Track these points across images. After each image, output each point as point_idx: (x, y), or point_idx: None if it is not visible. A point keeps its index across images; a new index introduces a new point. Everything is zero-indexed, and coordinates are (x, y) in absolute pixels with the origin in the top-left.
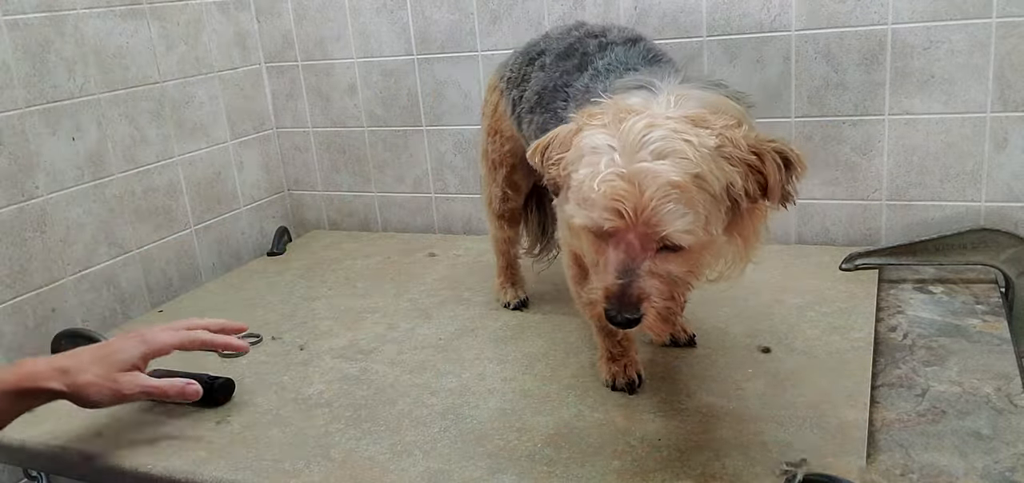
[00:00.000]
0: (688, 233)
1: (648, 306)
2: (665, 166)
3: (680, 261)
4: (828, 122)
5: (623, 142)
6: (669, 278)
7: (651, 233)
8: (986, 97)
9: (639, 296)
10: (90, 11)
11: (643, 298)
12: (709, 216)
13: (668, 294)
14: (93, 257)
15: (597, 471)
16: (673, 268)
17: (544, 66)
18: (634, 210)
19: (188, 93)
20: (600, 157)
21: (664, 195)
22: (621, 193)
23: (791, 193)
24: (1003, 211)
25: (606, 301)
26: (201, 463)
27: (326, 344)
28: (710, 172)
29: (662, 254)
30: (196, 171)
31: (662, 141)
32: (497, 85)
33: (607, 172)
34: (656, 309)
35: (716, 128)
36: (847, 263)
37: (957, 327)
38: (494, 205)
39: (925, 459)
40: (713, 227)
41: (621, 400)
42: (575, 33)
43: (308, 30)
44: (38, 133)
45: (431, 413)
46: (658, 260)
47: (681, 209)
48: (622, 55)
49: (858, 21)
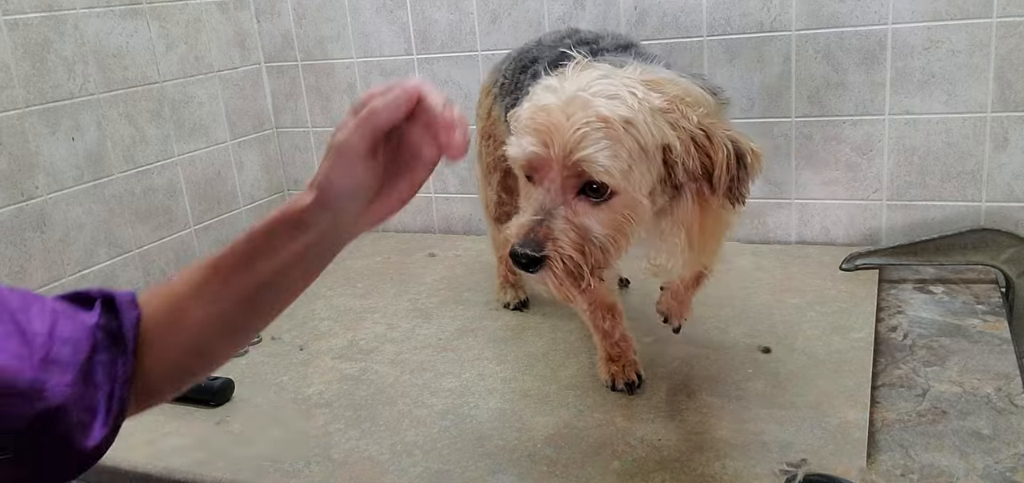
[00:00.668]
0: (604, 168)
1: (553, 249)
2: (599, 102)
3: (599, 214)
4: (828, 122)
5: (571, 84)
6: (583, 230)
7: (571, 164)
8: (986, 97)
9: (545, 235)
10: (90, 11)
11: (549, 238)
12: (633, 166)
13: (578, 245)
14: (93, 257)
15: (597, 471)
16: (590, 221)
17: (536, 75)
18: (559, 138)
19: (188, 93)
20: (544, 93)
21: (588, 123)
22: (550, 120)
23: (740, 192)
24: (1003, 211)
25: (516, 237)
26: (201, 463)
27: (326, 344)
28: (644, 124)
29: (582, 201)
30: (196, 171)
31: (605, 85)
32: (491, 89)
33: (541, 100)
34: (561, 254)
35: (668, 94)
36: (847, 263)
37: (957, 327)
38: (491, 209)
39: (925, 459)
40: (636, 181)
41: (621, 400)
42: (568, 41)
43: (308, 30)
44: (38, 133)
45: (431, 413)
46: (577, 206)
47: (604, 143)
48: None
49: (858, 21)
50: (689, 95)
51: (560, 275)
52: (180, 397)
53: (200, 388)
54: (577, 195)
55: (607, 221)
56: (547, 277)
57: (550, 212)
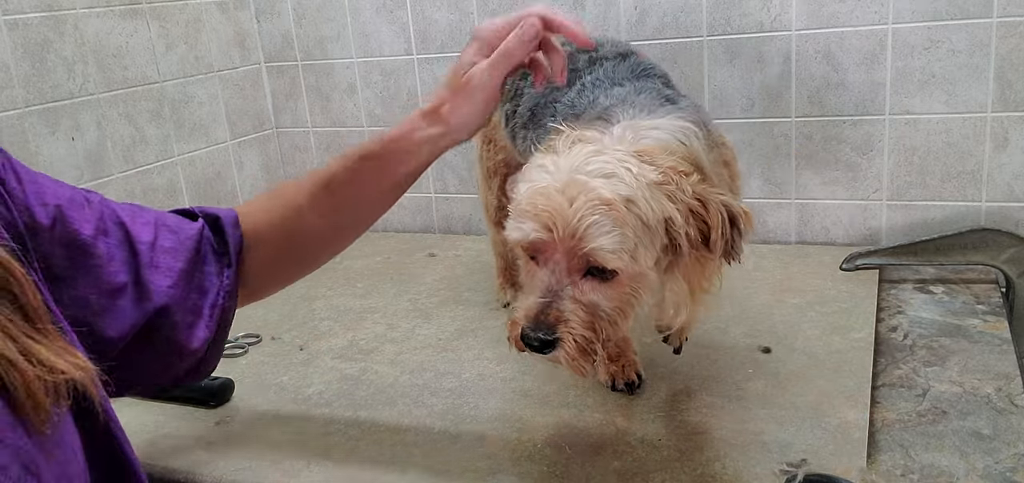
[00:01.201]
0: (613, 253)
1: (565, 331)
2: (598, 183)
3: (606, 291)
4: (828, 122)
5: (566, 163)
6: (592, 307)
7: (577, 249)
8: (987, 97)
9: (556, 319)
10: (89, 11)
11: (560, 321)
12: (639, 244)
13: (589, 324)
14: None
15: (597, 471)
16: (598, 297)
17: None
18: (562, 222)
19: (188, 93)
20: (539, 174)
21: (592, 209)
22: (551, 204)
23: (736, 250)
24: (1004, 211)
25: (525, 320)
26: (201, 463)
27: (326, 344)
28: (644, 200)
29: (589, 281)
30: (196, 171)
31: (601, 164)
32: None
33: (541, 184)
34: (573, 335)
35: (661, 166)
36: (847, 263)
37: (958, 327)
38: (491, 213)
39: (926, 459)
40: (642, 258)
41: (621, 400)
42: (567, 48)
43: (308, 30)
44: (38, 133)
45: (431, 413)
46: (584, 286)
47: (608, 226)
48: (610, 70)
49: (858, 21)
50: (682, 162)
51: (573, 354)
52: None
53: (200, 388)
54: (583, 275)
55: (615, 296)
56: (561, 357)
57: (557, 293)
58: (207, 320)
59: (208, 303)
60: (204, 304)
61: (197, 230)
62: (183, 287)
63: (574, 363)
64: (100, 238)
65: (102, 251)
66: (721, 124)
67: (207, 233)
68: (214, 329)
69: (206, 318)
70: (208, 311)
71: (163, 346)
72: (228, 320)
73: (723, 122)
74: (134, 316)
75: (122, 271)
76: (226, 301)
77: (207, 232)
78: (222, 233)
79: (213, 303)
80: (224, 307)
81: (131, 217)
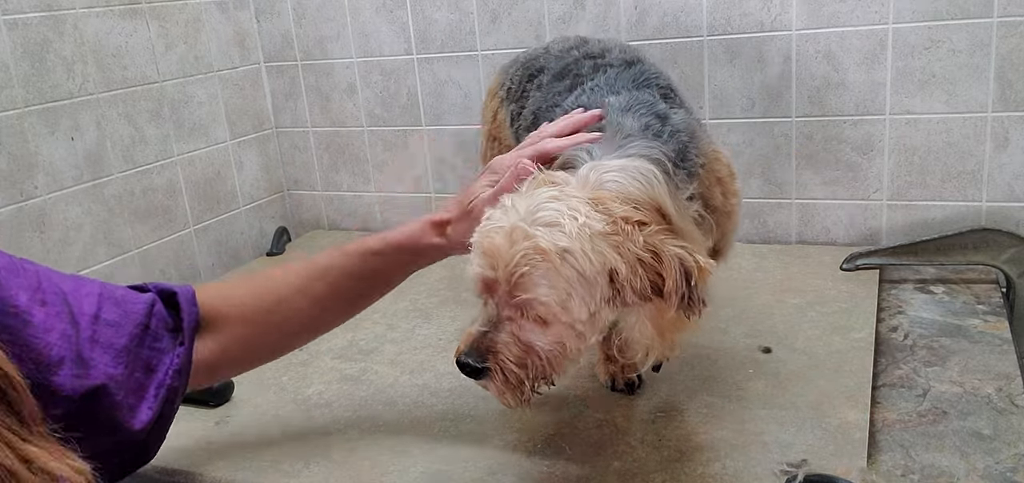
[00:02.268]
0: (543, 304)
1: (494, 362)
2: (539, 232)
3: (543, 333)
4: (829, 122)
5: (522, 206)
6: (527, 346)
7: (513, 297)
8: (987, 97)
9: (488, 348)
10: (89, 11)
11: (491, 351)
12: (572, 295)
13: (520, 361)
14: (92, 257)
15: (597, 471)
16: (534, 338)
17: (541, 86)
18: (502, 264)
19: (187, 93)
20: (498, 213)
21: (527, 259)
22: (495, 246)
23: (692, 304)
24: (1004, 211)
25: (463, 344)
26: (201, 463)
27: (325, 344)
28: (583, 252)
29: (527, 320)
30: (195, 171)
31: (550, 211)
32: (497, 92)
33: (490, 226)
34: (502, 368)
35: (613, 215)
36: (848, 263)
37: (958, 327)
38: None
39: (926, 460)
40: (575, 309)
41: (621, 400)
42: (574, 53)
43: (307, 30)
44: (37, 133)
45: (431, 413)
46: (524, 324)
47: (540, 274)
48: (612, 78)
49: (859, 20)
50: (637, 211)
51: (501, 386)
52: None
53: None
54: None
55: (553, 339)
56: (490, 386)
57: (496, 326)
58: (151, 400)
59: (155, 382)
60: (150, 383)
61: (146, 303)
62: (126, 364)
63: (502, 396)
64: (36, 307)
65: (38, 321)
66: (721, 124)
67: (159, 308)
68: (157, 410)
69: (150, 398)
70: (153, 391)
71: (104, 429)
72: (174, 401)
73: (723, 122)
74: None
75: (60, 344)
76: (174, 380)
77: (159, 306)
78: (176, 308)
79: (160, 382)
80: (171, 387)
81: (73, 288)
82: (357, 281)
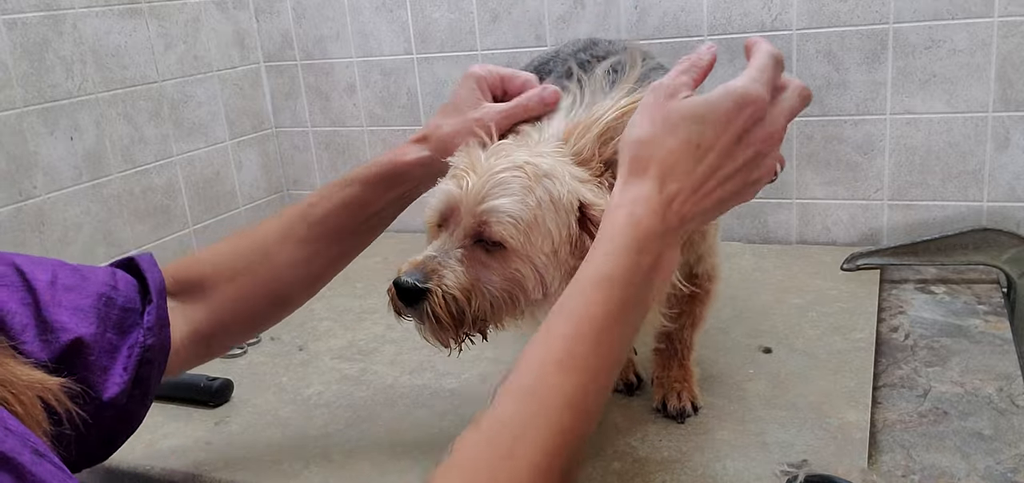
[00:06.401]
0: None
1: (436, 284)
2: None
3: (494, 266)
4: (829, 121)
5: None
6: (474, 277)
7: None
8: (988, 96)
9: (433, 269)
10: (88, 10)
11: (436, 272)
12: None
13: (465, 289)
14: (91, 257)
15: (597, 471)
16: (484, 270)
17: None
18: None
19: (187, 92)
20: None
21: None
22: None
23: None
24: (1005, 211)
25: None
26: (200, 463)
27: (325, 345)
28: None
29: (480, 250)
30: (195, 171)
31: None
32: None
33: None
34: (443, 290)
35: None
36: (848, 263)
37: (959, 327)
38: None
39: (927, 460)
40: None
41: (621, 401)
42: (582, 55)
43: (307, 29)
44: (36, 133)
45: (431, 414)
46: (475, 252)
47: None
48: None
49: (859, 20)
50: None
51: (440, 314)
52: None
53: (199, 388)
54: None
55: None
56: (425, 314)
57: (445, 252)
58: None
59: (127, 343)
60: (123, 344)
61: (106, 271)
62: (95, 324)
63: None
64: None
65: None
66: None
67: (122, 275)
68: (132, 371)
69: (123, 358)
70: (126, 351)
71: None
72: (153, 363)
73: None
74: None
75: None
76: (148, 338)
77: (122, 274)
78: (139, 274)
79: (134, 341)
80: (146, 346)
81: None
82: (340, 216)
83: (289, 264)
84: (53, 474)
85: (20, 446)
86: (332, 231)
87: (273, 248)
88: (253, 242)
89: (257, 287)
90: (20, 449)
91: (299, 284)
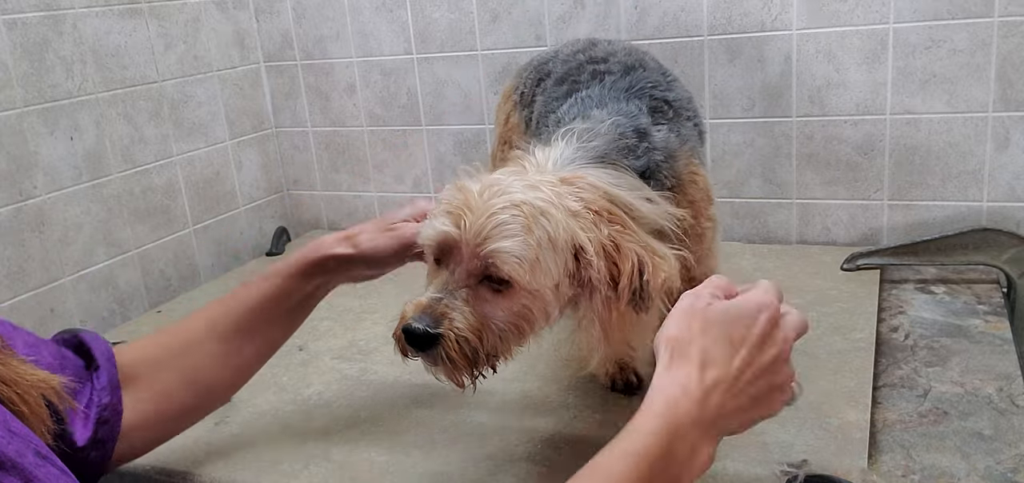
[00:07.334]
0: (515, 258)
1: (448, 328)
2: (517, 187)
3: (501, 302)
4: (829, 121)
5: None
6: (482, 316)
7: (479, 250)
8: (988, 96)
9: (442, 312)
10: (88, 10)
11: (445, 315)
12: (540, 258)
13: (475, 330)
14: (91, 257)
15: None
16: (491, 308)
17: (545, 90)
18: (471, 219)
19: (187, 92)
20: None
21: (503, 208)
22: (466, 200)
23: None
24: (1005, 211)
25: (412, 310)
26: (200, 463)
27: (325, 344)
28: (557, 217)
29: (486, 288)
30: (195, 171)
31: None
32: (511, 96)
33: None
34: (455, 334)
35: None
36: (848, 263)
37: (959, 327)
38: None
39: (927, 460)
40: (541, 275)
41: (621, 401)
42: (579, 56)
43: (307, 29)
44: (36, 133)
45: (431, 414)
46: (480, 291)
47: (515, 229)
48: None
49: (859, 20)
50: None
51: (454, 356)
52: None
53: None
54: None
55: (510, 310)
56: (438, 358)
57: (451, 292)
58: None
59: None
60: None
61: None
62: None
63: (450, 367)
64: None
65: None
66: (721, 124)
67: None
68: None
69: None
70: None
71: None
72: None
73: (723, 122)
74: None
75: None
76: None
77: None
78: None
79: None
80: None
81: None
82: (263, 308)
83: (213, 358)
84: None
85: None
86: (254, 324)
87: (198, 342)
88: (179, 336)
89: (184, 381)
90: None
91: (222, 379)
